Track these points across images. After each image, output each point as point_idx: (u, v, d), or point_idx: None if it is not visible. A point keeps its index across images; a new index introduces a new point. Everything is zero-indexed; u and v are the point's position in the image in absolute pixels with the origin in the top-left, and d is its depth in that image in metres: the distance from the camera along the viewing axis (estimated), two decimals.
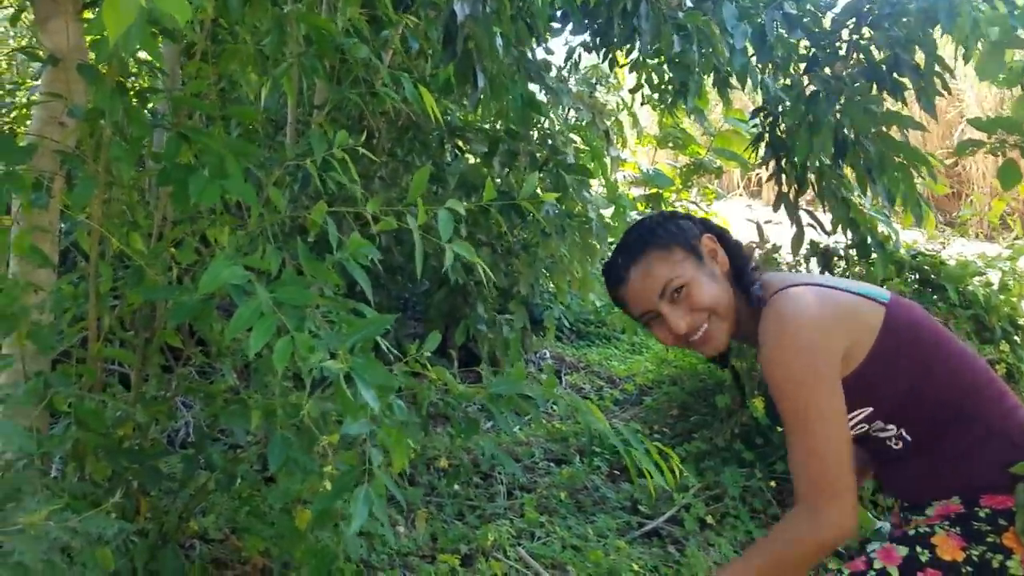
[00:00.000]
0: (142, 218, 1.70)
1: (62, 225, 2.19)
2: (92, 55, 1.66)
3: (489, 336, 3.87)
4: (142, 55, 2.68)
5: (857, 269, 3.48)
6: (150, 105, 2.16)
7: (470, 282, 3.85)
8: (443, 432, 3.46)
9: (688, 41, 2.32)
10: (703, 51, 2.52)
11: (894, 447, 1.51)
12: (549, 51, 6.30)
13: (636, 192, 6.39)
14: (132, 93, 1.67)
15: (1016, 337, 3.54)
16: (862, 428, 1.52)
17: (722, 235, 1.63)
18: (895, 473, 1.55)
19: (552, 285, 4.46)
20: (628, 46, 3.36)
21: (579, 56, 4.40)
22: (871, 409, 1.48)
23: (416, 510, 2.92)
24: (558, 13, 3.36)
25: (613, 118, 4.73)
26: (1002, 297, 3.49)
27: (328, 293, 1.65)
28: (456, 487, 3.16)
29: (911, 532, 1.44)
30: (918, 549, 1.39)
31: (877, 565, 1.40)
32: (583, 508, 3.10)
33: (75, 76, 1.70)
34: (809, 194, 3.36)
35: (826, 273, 3.59)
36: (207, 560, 2.29)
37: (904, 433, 1.49)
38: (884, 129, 2.81)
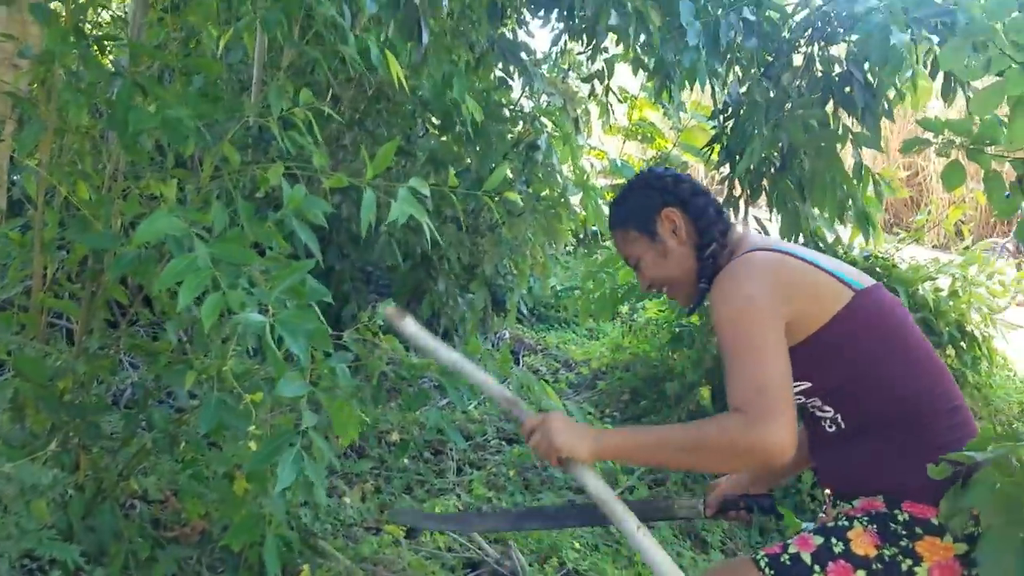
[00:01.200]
0: (91, 168, 1.66)
1: (15, 176, 2.14)
2: None
3: (448, 311, 3.86)
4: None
5: None
6: (112, 56, 2.11)
7: (434, 256, 3.84)
8: (395, 406, 3.45)
9: (626, 20, 2.29)
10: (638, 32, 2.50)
11: (827, 429, 1.53)
12: (530, 33, 6.27)
13: (603, 182, 6.41)
14: (91, 40, 1.64)
15: (962, 343, 3.63)
16: (798, 399, 1.53)
17: (688, 203, 1.66)
18: (827, 458, 1.57)
19: (514, 267, 4.47)
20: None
21: (565, 42, 4.39)
22: (810, 384, 1.50)
23: (363, 482, 2.92)
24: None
25: (583, 106, 4.73)
26: (951, 303, 3.56)
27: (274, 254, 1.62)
28: (406, 461, 3.16)
29: (830, 524, 1.47)
30: (833, 540, 1.42)
31: (792, 550, 1.44)
32: (530, 486, 3.12)
33: (32, 17, 1.65)
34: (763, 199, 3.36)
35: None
36: (146, 520, 2.27)
37: (840, 419, 1.50)
38: (822, 145, 2.80)
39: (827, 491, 1.62)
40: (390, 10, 1.90)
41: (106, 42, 1.76)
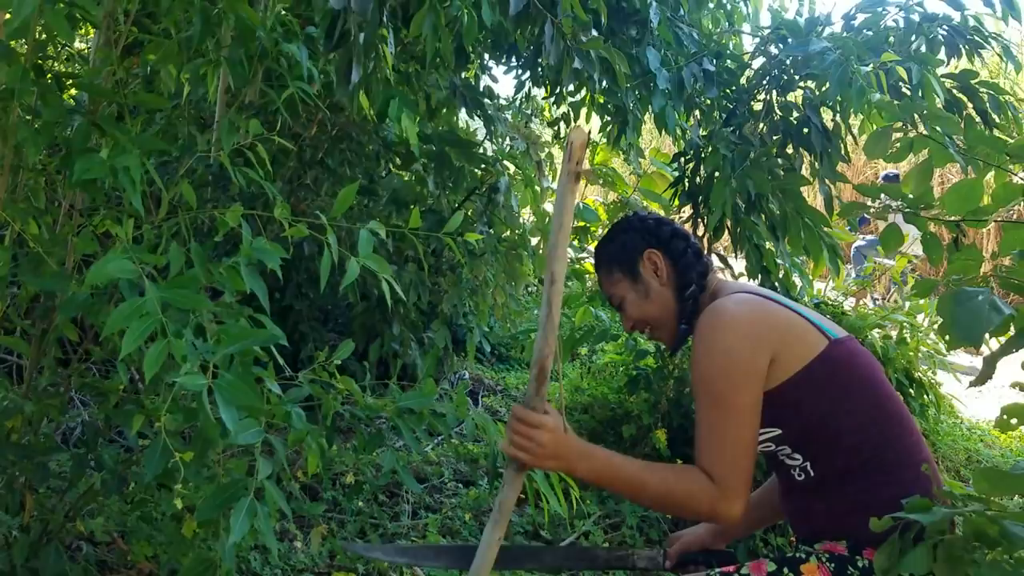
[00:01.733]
0: (45, 205, 1.65)
1: None
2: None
3: (408, 351, 3.85)
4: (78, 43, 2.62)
5: None
6: (73, 92, 2.11)
7: (391, 299, 3.84)
8: (350, 447, 3.42)
9: (589, 66, 2.32)
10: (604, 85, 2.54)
11: (797, 477, 1.55)
12: (494, 79, 6.35)
13: None
14: (50, 77, 1.64)
15: (911, 390, 3.70)
16: (768, 447, 1.56)
17: (669, 245, 1.71)
18: (795, 505, 1.60)
19: (475, 307, 4.48)
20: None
21: (529, 89, 4.45)
22: (780, 432, 1.53)
23: (315, 525, 2.88)
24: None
25: (546, 151, 4.80)
26: (899, 350, 3.64)
27: (229, 298, 1.62)
28: (360, 504, 3.12)
29: (788, 554, 1.50)
30: (785, 570, 1.45)
31: (744, 571, 1.49)
32: None
33: None
34: (727, 238, 3.43)
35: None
36: (92, 562, 2.22)
37: (809, 468, 1.53)
38: (787, 190, 2.88)
39: (792, 540, 1.66)
40: (326, 46, 1.90)
41: (66, 80, 1.76)
